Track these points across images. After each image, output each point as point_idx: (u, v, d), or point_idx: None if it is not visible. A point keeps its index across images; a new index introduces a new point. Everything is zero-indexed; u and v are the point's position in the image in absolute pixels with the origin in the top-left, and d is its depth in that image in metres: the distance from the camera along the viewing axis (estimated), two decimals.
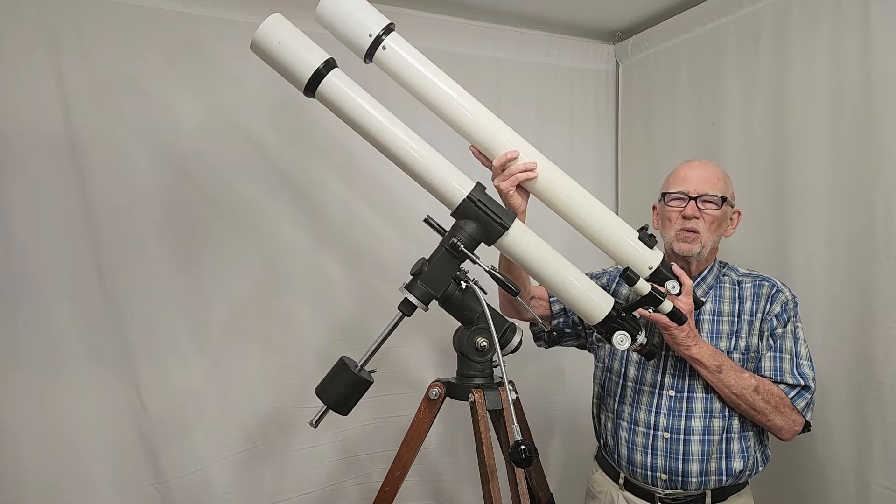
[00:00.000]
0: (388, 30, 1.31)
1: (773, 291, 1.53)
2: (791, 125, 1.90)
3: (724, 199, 1.52)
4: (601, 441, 1.70)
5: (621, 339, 1.41)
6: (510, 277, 1.45)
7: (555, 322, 1.72)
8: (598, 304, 1.40)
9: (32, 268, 1.73)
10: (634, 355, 1.60)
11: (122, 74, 1.81)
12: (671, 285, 1.42)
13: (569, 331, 1.74)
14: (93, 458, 1.80)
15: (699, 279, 1.59)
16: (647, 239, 1.43)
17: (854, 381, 1.74)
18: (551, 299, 1.71)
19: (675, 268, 1.44)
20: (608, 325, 1.41)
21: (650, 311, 1.42)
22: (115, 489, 1.83)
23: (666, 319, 1.41)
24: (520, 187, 1.39)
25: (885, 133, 1.65)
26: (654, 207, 1.67)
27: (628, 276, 1.39)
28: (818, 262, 1.82)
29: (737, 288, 1.57)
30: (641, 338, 1.43)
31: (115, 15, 1.80)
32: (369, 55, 1.33)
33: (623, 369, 1.63)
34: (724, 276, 1.61)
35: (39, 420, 1.74)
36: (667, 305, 1.39)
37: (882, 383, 1.66)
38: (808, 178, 1.85)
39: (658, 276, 1.42)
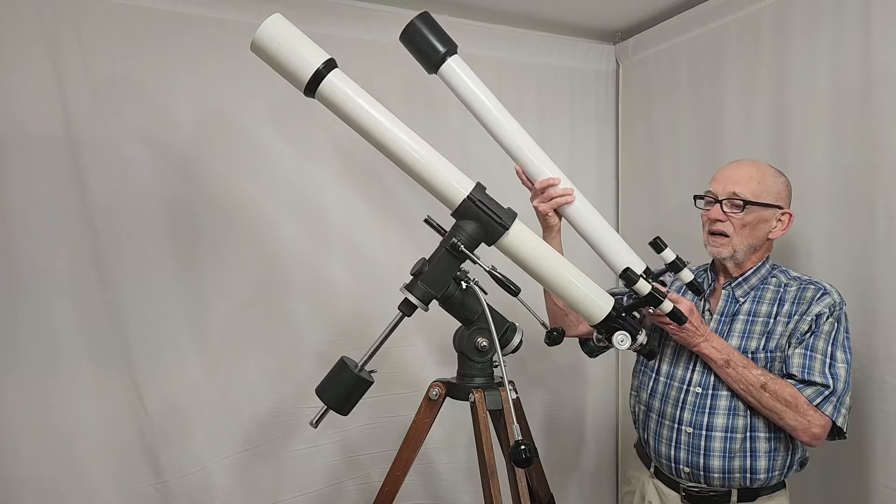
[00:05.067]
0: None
1: (819, 295, 1.48)
2: (791, 125, 1.90)
3: (746, 203, 1.49)
4: (637, 431, 1.74)
5: (622, 339, 1.41)
6: (556, 302, 1.67)
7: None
8: (598, 304, 1.40)
9: (32, 268, 1.73)
10: (669, 350, 1.61)
11: (122, 74, 1.81)
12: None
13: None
14: (92, 459, 1.80)
15: (741, 279, 1.57)
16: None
17: (856, 380, 1.72)
18: None
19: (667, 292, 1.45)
20: (609, 325, 1.41)
21: (651, 310, 1.42)
22: (115, 489, 1.83)
23: (666, 319, 1.41)
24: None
25: (885, 133, 1.64)
26: None
27: (628, 276, 1.40)
28: (818, 262, 1.82)
29: (781, 290, 1.54)
30: (642, 338, 1.43)
31: (115, 15, 1.79)
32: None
33: (657, 364, 1.64)
34: (772, 277, 1.58)
35: (39, 420, 1.74)
36: (667, 305, 1.40)
37: (884, 382, 1.66)
38: (808, 178, 1.84)
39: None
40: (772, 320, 1.51)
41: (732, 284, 1.58)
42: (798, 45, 1.88)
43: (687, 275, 1.54)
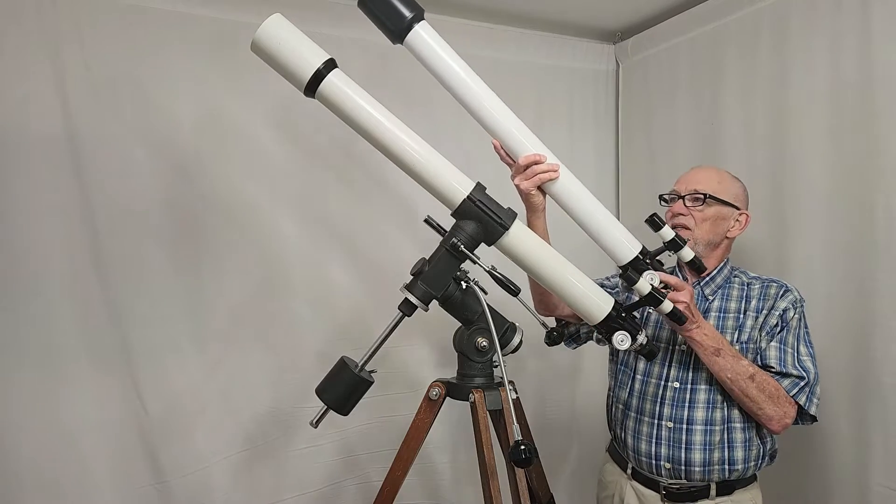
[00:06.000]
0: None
1: (782, 291, 1.56)
2: (791, 125, 1.90)
3: (707, 196, 1.55)
4: (612, 433, 1.74)
5: (621, 340, 1.41)
6: (544, 299, 1.62)
7: (583, 322, 1.73)
8: (598, 304, 1.40)
9: (32, 268, 1.73)
10: None
11: (123, 74, 1.81)
12: (648, 276, 1.42)
13: (584, 331, 1.76)
14: (93, 458, 1.80)
15: (707, 279, 1.62)
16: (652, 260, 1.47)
17: (854, 380, 1.74)
18: None
19: (663, 275, 1.44)
20: (608, 325, 1.41)
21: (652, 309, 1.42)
22: (115, 489, 1.83)
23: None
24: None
25: (885, 133, 1.65)
26: None
27: (628, 276, 1.40)
28: (818, 262, 1.82)
29: (745, 288, 1.60)
30: (641, 338, 1.43)
31: (116, 15, 1.79)
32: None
33: (635, 363, 1.66)
34: (734, 277, 1.63)
35: (39, 420, 1.74)
36: (667, 305, 1.40)
37: (882, 382, 1.66)
38: (808, 178, 1.85)
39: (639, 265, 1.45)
40: (741, 315, 1.57)
41: (701, 283, 1.62)
42: (797, 45, 1.88)
43: (687, 253, 1.51)
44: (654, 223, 1.49)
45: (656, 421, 1.57)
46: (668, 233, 1.49)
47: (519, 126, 1.42)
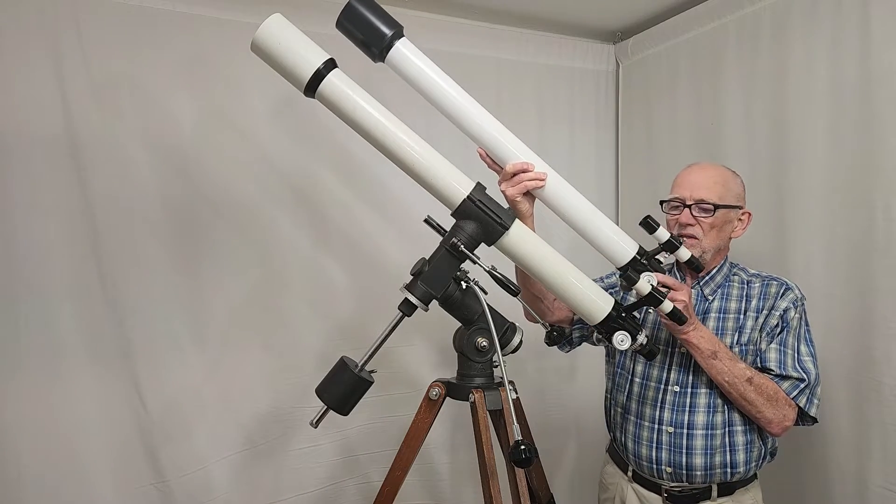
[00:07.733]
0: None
1: (783, 290, 1.54)
2: (791, 125, 1.90)
3: (716, 207, 1.52)
4: (612, 435, 1.73)
5: (621, 340, 1.41)
6: (531, 290, 1.57)
7: (575, 327, 1.73)
8: (598, 304, 1.40)
9: (32, 268, 1.73)
10: None
11: (122, 74, 1.81)
12: (647, 278, 1.40)
13: (577, 335, 1.75)
14: (93, 458, 1.80)
15: (707, 278, 1.61)
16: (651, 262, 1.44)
17: (854, 381, 1.74)
18: None
19: (661, 276, 1.42)
20: (608, 326, 1.41)
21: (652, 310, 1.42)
22: (116, 489, 1.83)
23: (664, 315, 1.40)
24: (526, 192, 1.41)
25: (885, 133, 1.65)
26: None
27: (628, 276, 1.40)
28: (818, 262, 1.82)
29: (745, 287, 1.58)
30: (641, 338, 1.43)
31: (115, 15, 1.80)
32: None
33: (632, 365, 1.65)
34: (733, 275, 1.62)
35: (40, 420, 1.74)
36: (667, 305, 1.39)
37: (882, 384, 1.66)
38: (808, 178, 1.85)
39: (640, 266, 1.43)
40: (741, 316, 1.55)
41: (700, 283, 1.61)
42: (797, 44, 1.88)
43: (684, 253, 1.48)
44: (649, 226, 1.45)
45: (656, 426, 1.56)
46: (663, 234, 1.46)
47: (507, 134, 1.40)
